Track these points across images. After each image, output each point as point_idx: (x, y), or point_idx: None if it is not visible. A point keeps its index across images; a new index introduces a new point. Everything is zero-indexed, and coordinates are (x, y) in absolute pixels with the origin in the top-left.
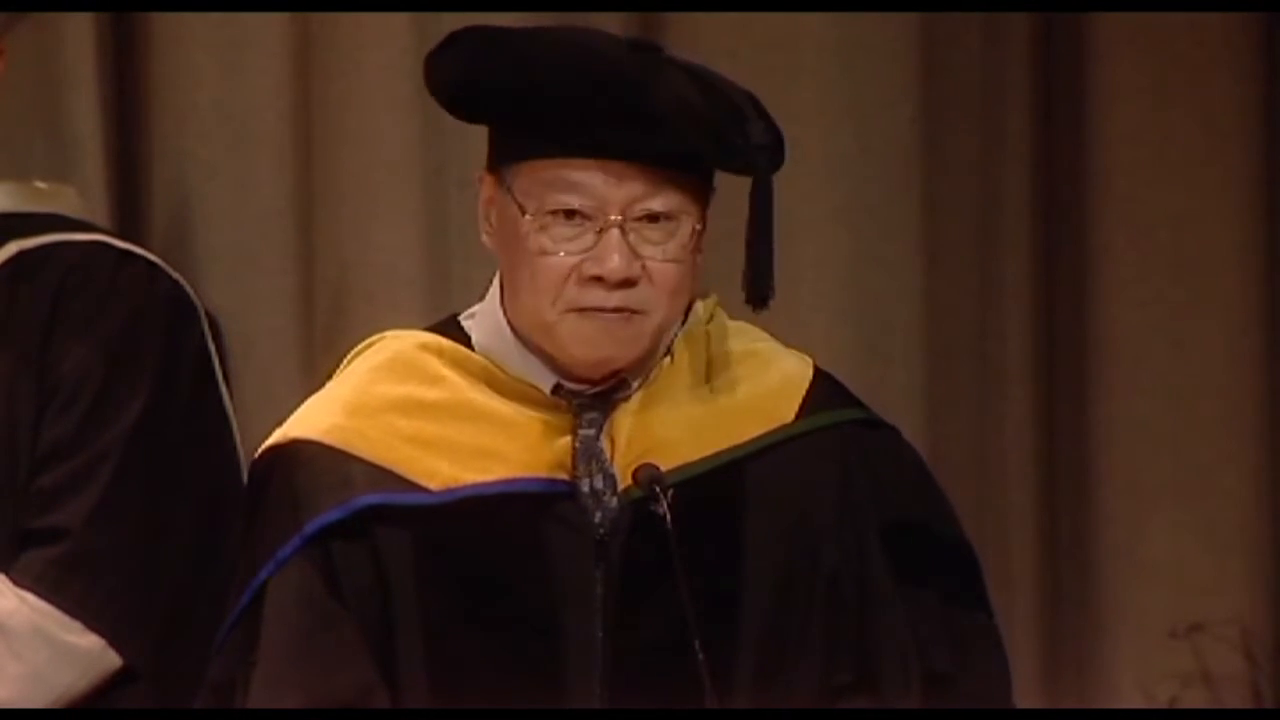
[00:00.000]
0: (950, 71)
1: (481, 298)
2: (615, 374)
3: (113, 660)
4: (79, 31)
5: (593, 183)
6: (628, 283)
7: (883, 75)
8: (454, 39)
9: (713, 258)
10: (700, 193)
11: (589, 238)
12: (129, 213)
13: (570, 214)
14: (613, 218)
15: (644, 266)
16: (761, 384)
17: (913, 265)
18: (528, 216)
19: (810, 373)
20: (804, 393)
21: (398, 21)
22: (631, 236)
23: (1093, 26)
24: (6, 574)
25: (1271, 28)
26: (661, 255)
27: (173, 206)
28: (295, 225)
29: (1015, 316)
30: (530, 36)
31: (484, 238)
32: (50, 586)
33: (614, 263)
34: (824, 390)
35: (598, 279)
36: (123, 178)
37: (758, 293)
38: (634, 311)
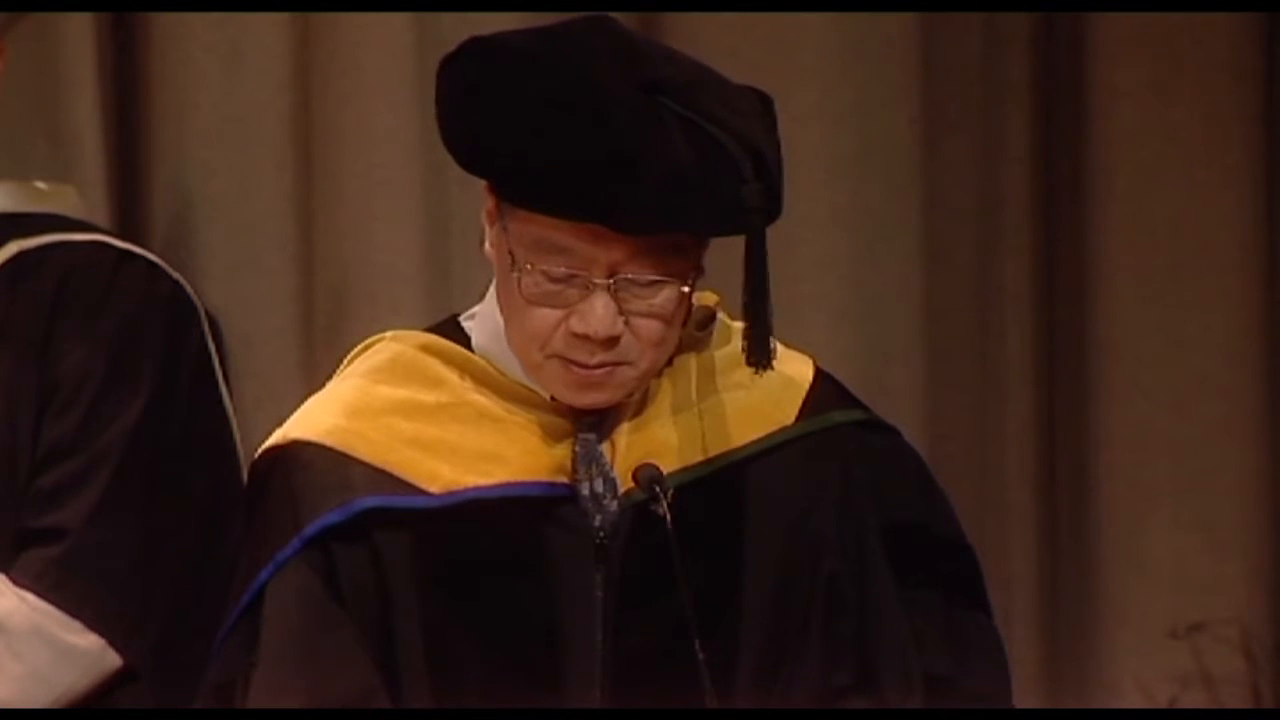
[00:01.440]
0: (950, 71)
1: (483, 298)
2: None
3: (113, 660)
4: (79, 31)
5: (580, 246)
6: (612, 340)
7: (883, 75)
8: (465, 85)
9: (715, 258)
10: (692, 250)
11: (575, 293)
12: (129, 213)
13: (557, 271)
14: (597, 280)
15: (628, 322)
16: (762, 386)
17: (913, 265)
18: (516, 272)
19: (811, 374)
20: (805, 394)
21: (398, 21)
22: (619, 294)
23: (1093, 26)
24: (6, 574)
25: (1271, 28)
26: (647, 310)
27: (173, 206)
28: (295, 225)
29: (1015, 316)
30: (524, 88)
31: (485, 247)
32: (50, 586)
33: (597, 324)
34: (825, 392)
35: (583, 335)
36: (123, 178)
37: (759, 359)
38: (617, 364)
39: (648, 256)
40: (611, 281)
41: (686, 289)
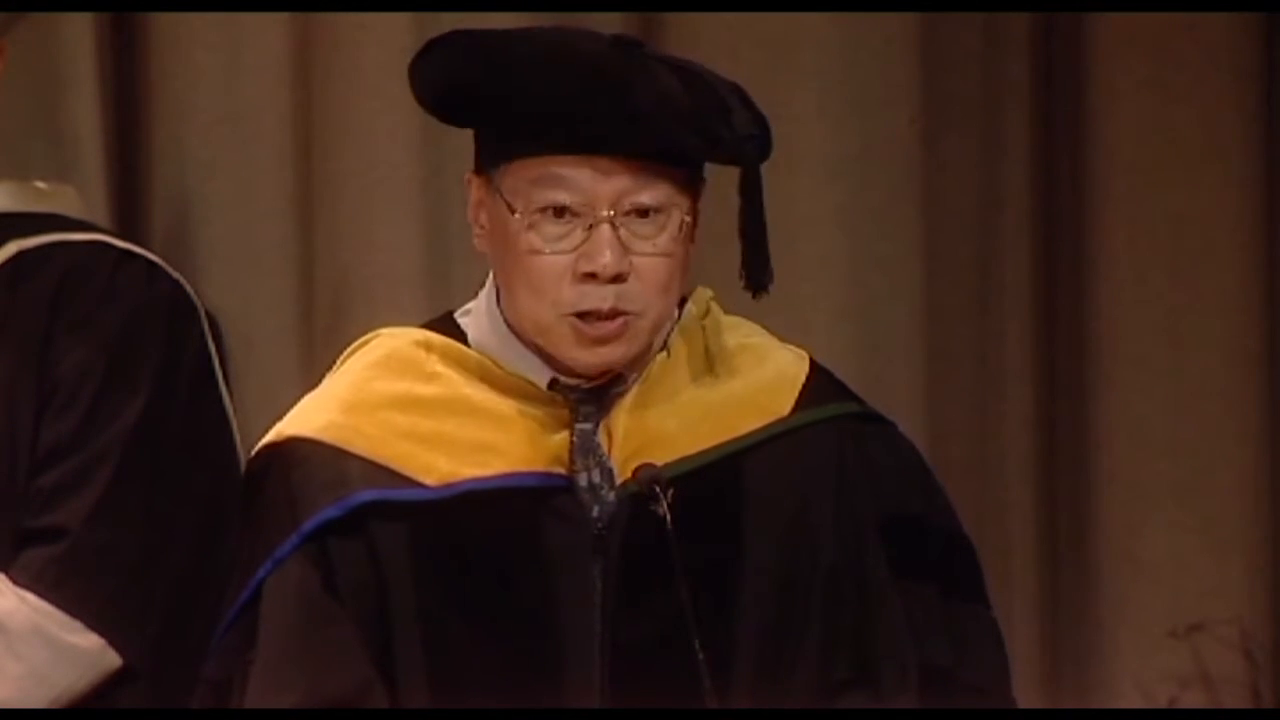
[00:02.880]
0: (950, 71)
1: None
2: (612, 369)
3: (112, 660)
4: (79, 31)
5: (580, 179)
6: (619, 278)
7: (883, 75)
8: (434, 44)
9: (713, 257)
10: (689, 184)
11: (579, 234)
12: (129, 213)
13: (560, 211)
14: (602, 213)
15: (633, 263)
16: (758, 378)
17: (913, 265)
18: (517, 215)
19: (806, 367)
20: (800, 387)
21: (398, 21)
22: (622, 232)
23: (1093, 26)
24: (6, 573)
25: (1271, 28)
26: (652, 249)
27: (173, 206)
28: (295, 225)
29: (1015, 316)
30: (511, 37)
31: (476, 241)
32: (50, 586)
33: (605, 258)
34: (820, 384)
35: (590, 275)
36: (123, 178)
37: (756, 280)
38: (627, 314)
39: (647, 186)
40: (613, 214)
41: (688, 218)
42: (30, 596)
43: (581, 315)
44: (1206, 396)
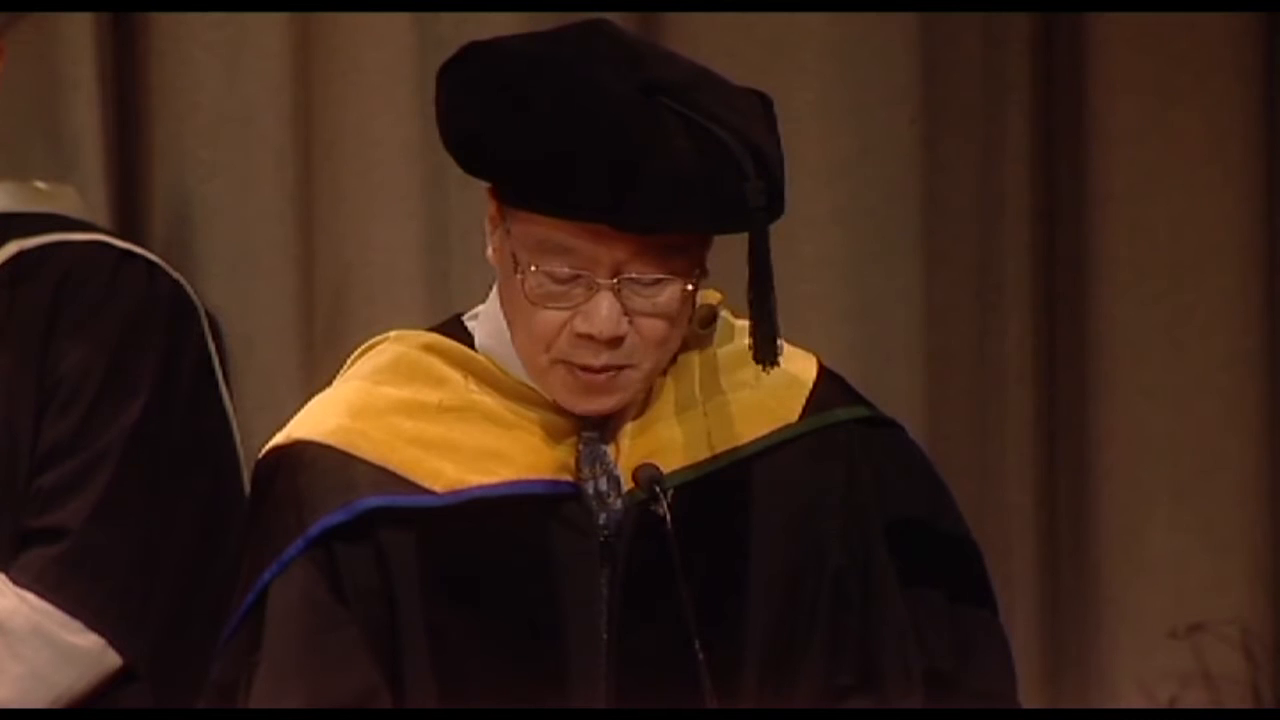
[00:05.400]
0: (950, 71)
1: (485, 298)
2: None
3: (113, 660)
4: (79, 31)
5: (583, 246)
6: (616, 340)
7: (883, 75)
8: (453, 76)
9: (716, 257)
10: (695, 249)
11: (579, 293)
12: (129, 213)
13: (561, 272)
14: (601, 281)
15: (632, 322)
16: (766, 383)
17: (913, 265)
18: (519, 274)
19: (815, 371)
20: (809, 391)
21: (398, 22)
22: (623, 293)
23: (1093, 26)
24: (6, 573)
25: (1271, 28)
26: (652, 309)
27: (173, 206)
28: (295, 225)
29: (1015, 316)
30: (532, 78)
31: (488, 252)
32: (50, 586)
33: (602, 324)
34: (829, 389)
35: (588, 336)
36: (123, 178)
37: (765, 356)
38: (620, 367)
39: (651, 255)
40: (615, 281)
41: (690, 287)
42: (30, 597)
43: (571, 365)
44: (1206, 396)
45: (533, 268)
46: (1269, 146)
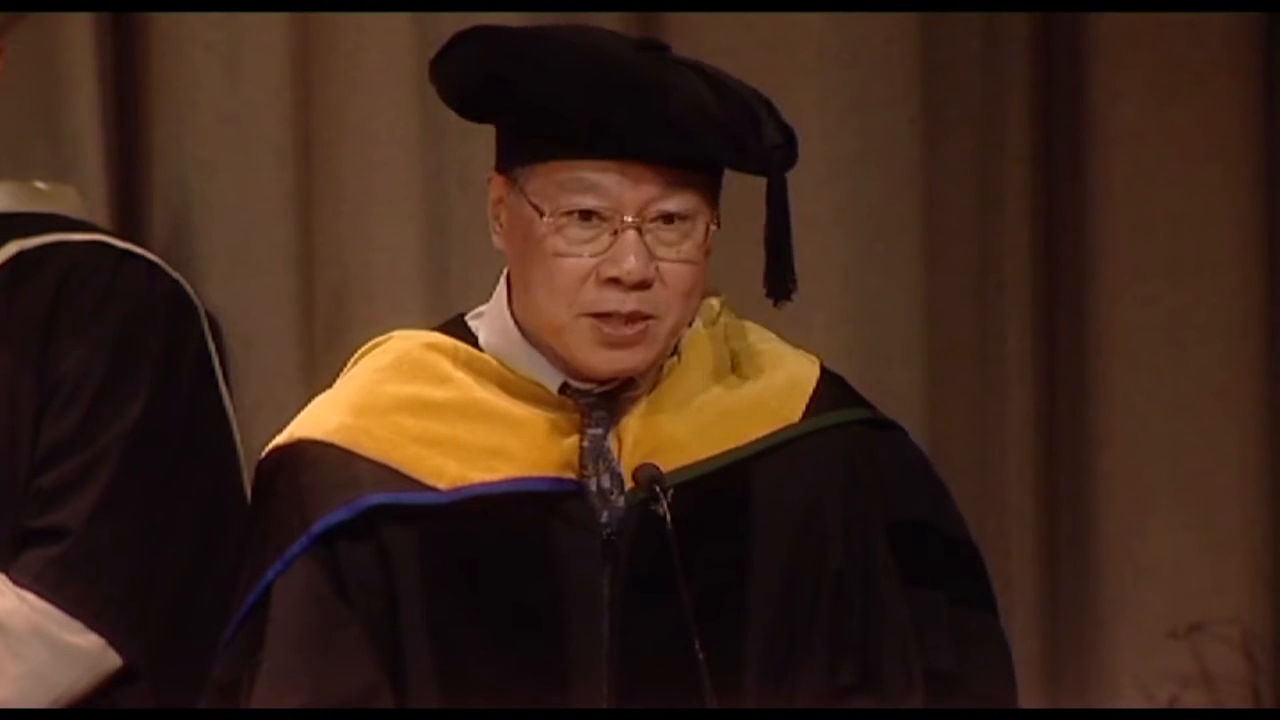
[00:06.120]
0: (950, 71)
1: (485, 298)
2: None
3: (113, 660)
4: (79, 31)
5: (609, 184)
6: (643, 284)
7: (883, 75)
8: (462, 39)
9: (719, 257)
10: (713, 192)
11: (605, 239)
12: (129, 213)
13: (586, 215)
14: (629, 219)
15: (658, 268)
16: (769, 384)
17: (913, 265)
18: (544, 218)
19: (817, 373)
20: (811, 393)
21: (398, 21)
22: (648, 238)
23: (1092, 27)
24: (6, 573)
25: (1271, 28)
26: (676, 256)
27: (173, 206)
28: (295, 225)
29: (1015, 316)
30: (542, 36)
31: (494, 238)
32: (50, 586)
33: (630, 264)
34: (831, 390)
35: (614, 280)
36: (123, 178)
37: (781, 289)
38: (647, 317)
39: (675, 194)
40: (640, 220)
41: (713, 226)
42: (30, 597)
43: (600, 316)
44: (1206, 396)
45: (559, 214)
46: (1268, 147)
